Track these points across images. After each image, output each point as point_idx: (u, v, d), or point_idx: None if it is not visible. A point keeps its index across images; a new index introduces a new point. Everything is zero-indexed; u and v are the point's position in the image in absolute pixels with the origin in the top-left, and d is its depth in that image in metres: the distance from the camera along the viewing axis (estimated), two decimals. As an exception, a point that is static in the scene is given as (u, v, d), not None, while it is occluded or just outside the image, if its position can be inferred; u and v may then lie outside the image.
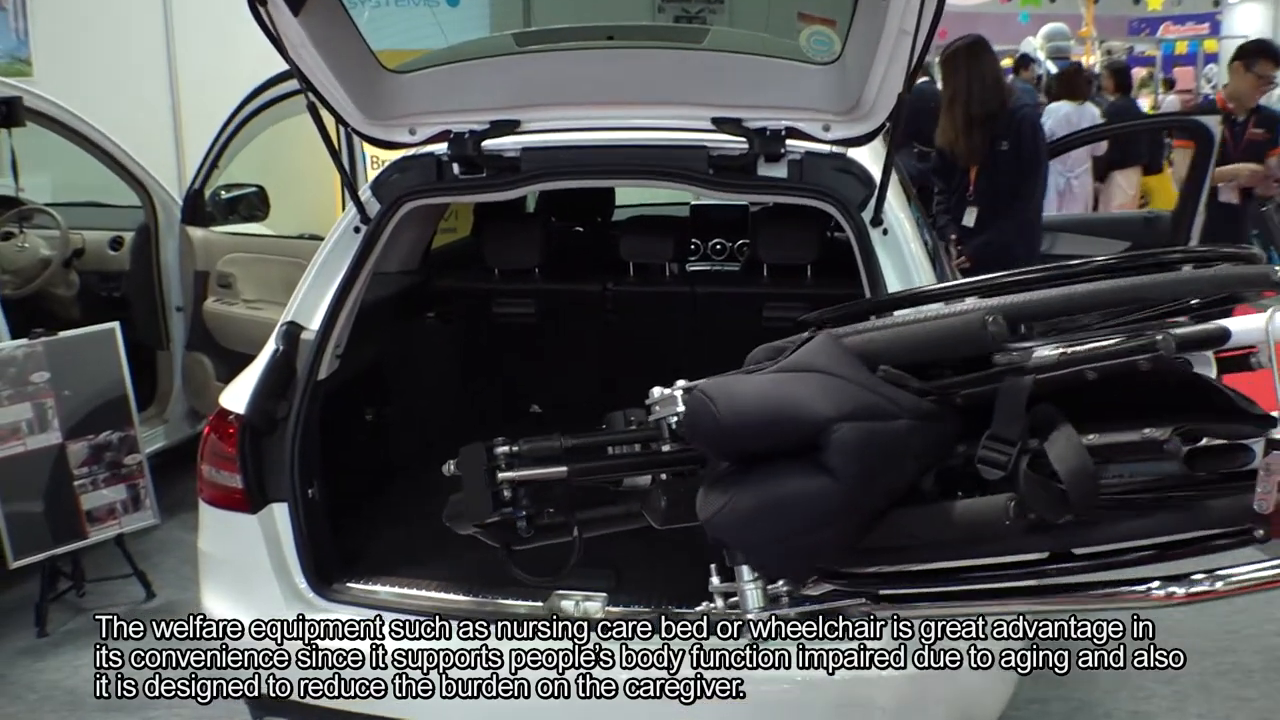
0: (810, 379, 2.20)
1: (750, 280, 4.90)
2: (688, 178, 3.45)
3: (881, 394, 2.16)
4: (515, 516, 2.51)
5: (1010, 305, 2.13)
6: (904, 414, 2.14)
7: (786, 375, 2.25)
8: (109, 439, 5.04)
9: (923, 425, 2.15)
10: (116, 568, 5.13)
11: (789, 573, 2.33)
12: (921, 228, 3.71)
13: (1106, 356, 2.00)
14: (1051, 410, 2.03)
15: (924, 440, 2.16)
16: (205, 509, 3.45)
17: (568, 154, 3.54)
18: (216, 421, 3.40)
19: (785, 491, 2.15)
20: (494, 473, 2.49)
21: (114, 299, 6.39)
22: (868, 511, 2.17)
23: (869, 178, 3.35)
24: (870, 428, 2.11)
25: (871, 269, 3.23)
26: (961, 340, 2.13)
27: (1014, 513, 1.99)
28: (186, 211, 6.30)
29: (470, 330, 4.92)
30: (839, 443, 2.10)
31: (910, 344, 2.23)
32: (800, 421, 2.13)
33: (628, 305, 4.81)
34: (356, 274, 3.52)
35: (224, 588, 3.42)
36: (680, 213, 6.07)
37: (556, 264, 4.92)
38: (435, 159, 3.58)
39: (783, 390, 2.20)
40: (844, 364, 2.22)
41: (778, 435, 2.16)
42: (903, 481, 2.17)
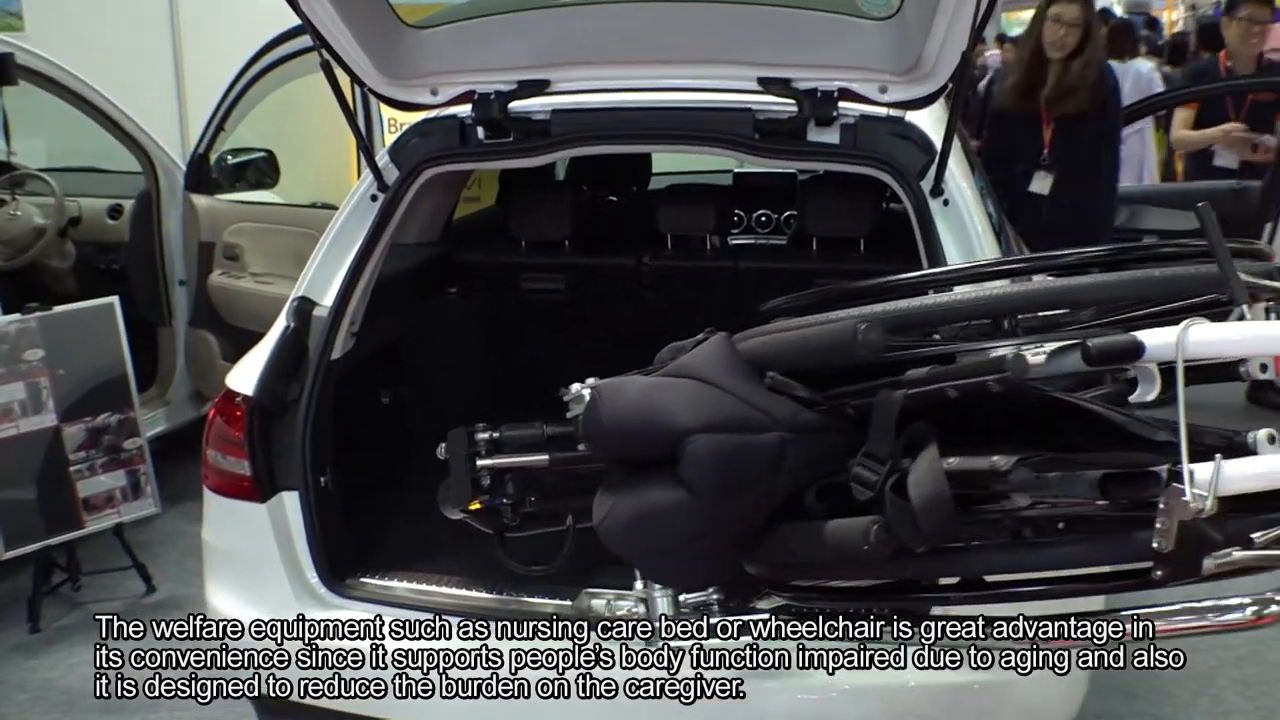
0: (684, 386, 2.29)
1: (798, 255, 4.88)
2: (731, 143, 3.44)
3: (754, 404, 2.23)
4: (496, 504, 2.66)
5: (888, 313, 2.13)
6: (777, 426, 2.20)
7: (665, 380, 2.34)
8: (107, 422, 5.08)
9: (799, 438, 2.20)
10: (114, 559, 5.17)
11: (678, 584, 2.44)
12: (985, 199, 3.69)
13: (957, 375, 2.00)
14: (924, 429, 2.04)
15: (802, 453, 2.20)
16: (210, 497, 3.47)
17: (601, 117, 3.54)
18: (222, 404, 3.42)
19: (650, 503, 2.24)
20: (474, 458, 2.63)
21: (113, 271, 6.44)
22: (738, 525, 2.22)
23: (929, 144, 3.33)
24: (731, 440, 2.19)
25: (931, 243, 3.21)
26: (831, 350, 2.15)
27: (876, 536, 2.00)
28: (190, 178, 6.34)
29: (494, 307, 4.92)
30: (692, 455, 2.19)
31: (790, 351, 2.27)
32: (663, 431, 2.23)
33: (665, 281, 4.80)
34: (373, 246, 3.53)
35: (230, 582, 3.44)
36: (722, 181, 6.05)
37: (588, 236, 4.92)
38: (458, 122, 3.58)
39: (653, 397, 2.30)
40: (725, 371, 2.29)
41: (647, 443, 2.26)
42: (776, 496, 2.21)
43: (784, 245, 5.60)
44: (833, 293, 2.40)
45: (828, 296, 2.41)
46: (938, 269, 2.23)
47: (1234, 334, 1.93)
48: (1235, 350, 1.96)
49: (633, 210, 5.79)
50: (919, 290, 2.20)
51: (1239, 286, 1.94)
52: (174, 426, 6.30)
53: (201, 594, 3.53)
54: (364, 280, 3.53)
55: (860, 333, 2.05)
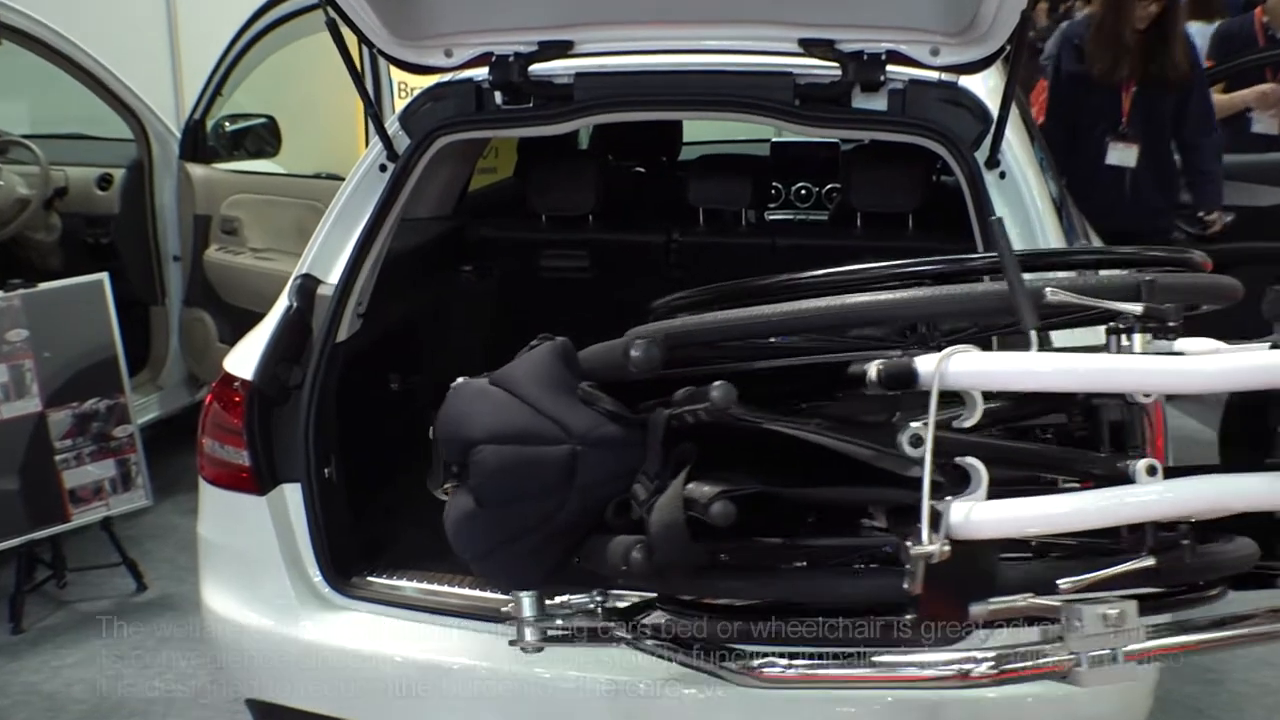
0: (491, 394, 2.48)
1: (841, 231, 4.88)
2: (769, 110, 3.43)
3: (551, 416, 2.36)
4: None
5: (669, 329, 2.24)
6: (570, 439, 2.32)
7: (481, 387, 2.52)
8: (95, 407, 5.11)
9: (594, 451, 2.30)
10: (103, 555, 5.22)
11: (502, 585, 2.57)
12: (1045, 172, 3.68)
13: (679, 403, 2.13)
14: (688, 450, 2.16)
15: (599, 467, 2.30)
16: (206, 489, 3.49)
17: (628, 81, 3.54)
18: (220, 389, 3.44)
19: (456, 510, 2.44)
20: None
21: (102, 246, 6.47)
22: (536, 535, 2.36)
23: (984, 112, 3.32)
24: (514, 452, 2.35)
25: (985, 219, 3.21)
26: (610, 366, 2.30)
27: (633, 557, 2.13)
28: (186, 146, 6.37)
29: (512, 286, 4.93)
30: (475, 466, 2.38)
31: (596, 362, 2.43)
32: (461, 439, 2.43)
33: (696, 259, 4.80)
34: (382, 220, 3.54)
35: (227, 580, 3.46)
36: (759, 152, 6.04)
37: (614, 210, 4.92)
38: (474, 86, 3.59)
39: (460, 404, 2.50)
40: (534, 380, 2.44)
41: (452, 449, 2.45)
42: (572, 509, 2.32)
43: (825, 221, 5.59)
44: (724, 291, 2.43)
45: (719, 295, 2.43)
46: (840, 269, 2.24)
47: (998, 365, 1.96)
48: (999, 383, 1.99)
49: (662, 183, 5.79)
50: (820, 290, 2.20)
51: (1027, 310, 1.96)
52: (167, 413, 6.34)
53: (196, 593, 3.55)
54: (372, 257, 3.55)
55: (632, 349, 2.17)
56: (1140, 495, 1.95)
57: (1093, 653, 1.92)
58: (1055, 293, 1.98)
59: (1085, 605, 1.91)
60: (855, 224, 4.71)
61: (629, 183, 5.89)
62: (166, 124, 6.45)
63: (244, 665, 3.45)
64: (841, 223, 4.97)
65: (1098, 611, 1.91)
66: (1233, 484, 1.99)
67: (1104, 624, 1.91)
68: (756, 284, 2.34)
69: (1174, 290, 2.10)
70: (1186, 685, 4.24)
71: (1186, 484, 1.96)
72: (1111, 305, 2.00)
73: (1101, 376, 1.97)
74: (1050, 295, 1.98)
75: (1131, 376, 1.97)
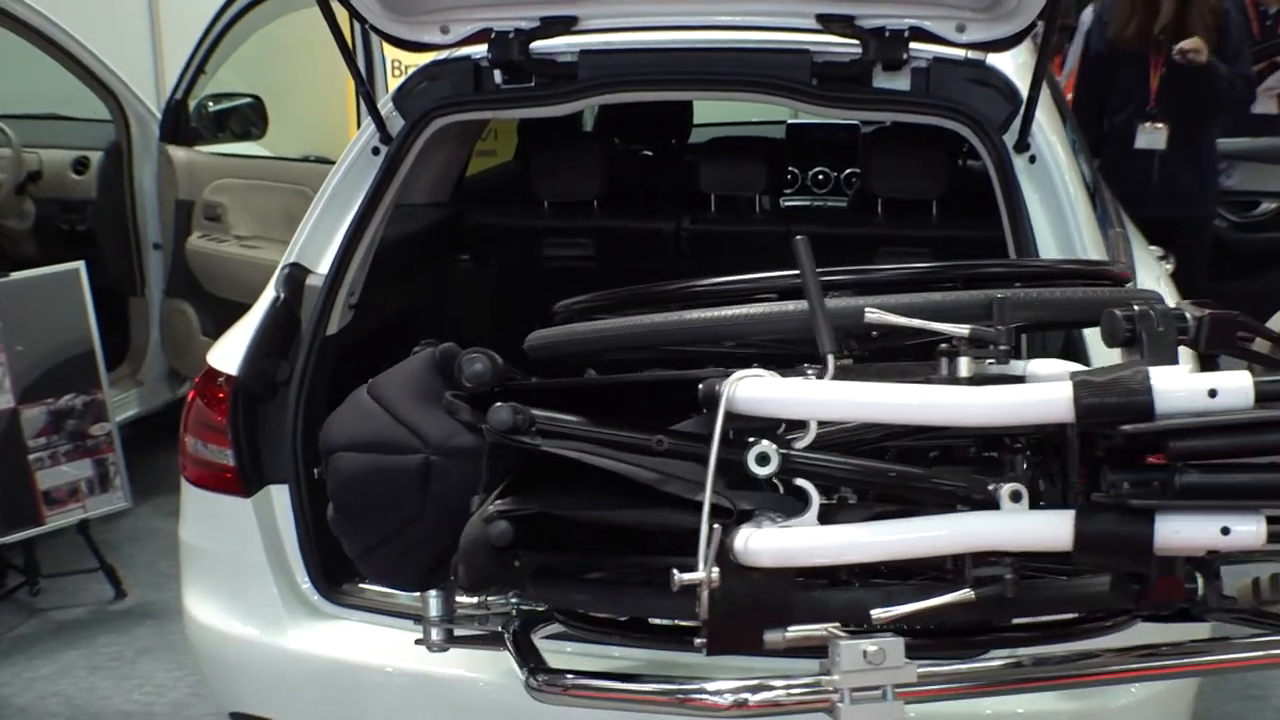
0: (361, 401, 2.59)
1: (861, 219, 4.88)
2: (785, 89, 3.43)
3: (409, 425, 2.46)
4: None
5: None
6: (425, 449, 2.43)
7: (354, 395, 2.63)
8: (71, 404, 5.12)
9: (450, 461, 2.41)
10: (79, 561, 5.22)
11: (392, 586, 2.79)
12: (1078, 155, 3.68)
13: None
14: (510, 467, 2.29)
15: (455, 476, 2.39)
16: (188, 491, 3.49)
17: (635, 59, 3.54)
18: (203, 384, 3.45)
19: (329, 514, 2.59)
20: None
21: (78, 233, 6.49)
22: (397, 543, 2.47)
23: (1013, 92, 3.32)
24: (366, 460, 2.48)
25: (1014, 206, 3.20)
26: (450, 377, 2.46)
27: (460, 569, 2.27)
28: (166, 127, 6.37)
29: (513, 276, 4.94)
30: (330, 473, 2.53)
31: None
32: (323, 446, 2.57)
33: (708, 248, 4.81)
34: (375, 206, 3.54)
35: (210, 587, 3.46)
36: (774, 134, 6.04)
37: (620, 196, 4.93)
38: (472, 64, 3.59)
39: (339, 410, 2.64)
40: (401, 387, 2.55)
41: (323, 456, 2.57)
42: (430, 517, 2.42)
43: (844, 207, 5.59)
44: (630, 296, 2.51)
45: (627, 299, 2.51)
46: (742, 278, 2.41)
47: (776, 393, 2.03)
48: (775, 411, 2.04)
49: (671, 167, 5.79)
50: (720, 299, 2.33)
51: (825, 334, 2.08)
52: (147, 410, 6.35)
53: (177, 600, 3.56)
54: (364, 245, 3.55)
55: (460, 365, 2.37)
56: (915, 530, 2.02)
57: (853, 688, 1.99)
58: (874, 313, 2.09)
59: (844, 641, 2.00)
60: (876, 211, 4.71)
61: (636, 167, 5.89)
62: (146, 104, 6.45)
63: (228, 677, 3.46)
64: (861, 209, 4.97)
65: (858, 647, 1.99)
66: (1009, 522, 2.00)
67: (864, 660, 1.98)
68: (657, 290, 2.45)
69: (1028, 308, 2.19)
70: (1229, 703, 4.24)
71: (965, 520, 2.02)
72: (933, 326, 2.08)
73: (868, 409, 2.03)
74: (870, 316, 2.09)
75: (903, 410, 2.01)
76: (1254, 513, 1.92)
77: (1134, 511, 1.93)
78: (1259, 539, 1.92)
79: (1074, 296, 2.28)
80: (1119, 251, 3.47)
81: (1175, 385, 1.90)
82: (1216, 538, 1.92)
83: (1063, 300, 2.27)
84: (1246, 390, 1.90)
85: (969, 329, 2.07)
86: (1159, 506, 1.92)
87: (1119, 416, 1.90)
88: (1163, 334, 2.01)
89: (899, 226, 4.61)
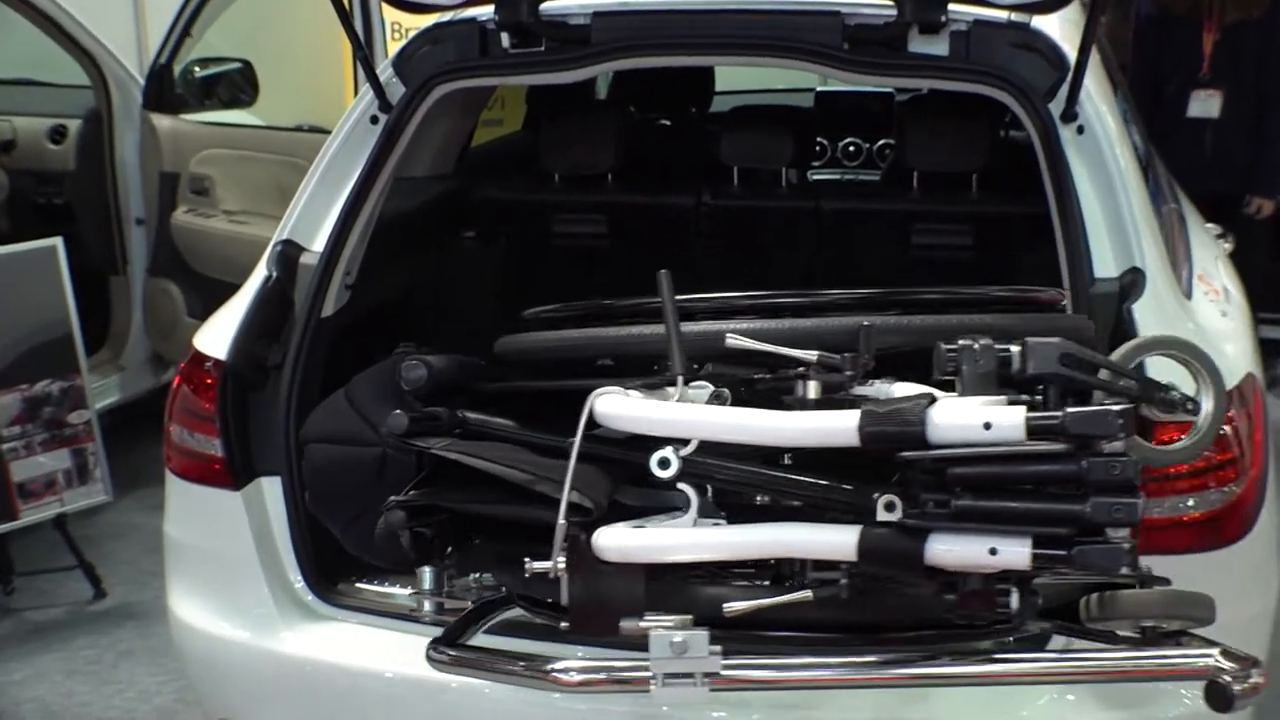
0: (336, 399, 3.12)
1: (895, 194, 4.88)
2: (813, 54, 3.43)
3: (371, 422, 2.94)
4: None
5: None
6: (382, 443, 2.89)
7: (334, 394, 3.16)
8: (48, 390, 5.14)
9: (404, 455, 2.83)
10: (56, 558, 5.25)
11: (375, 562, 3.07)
12: (1130, 126, 3.67)
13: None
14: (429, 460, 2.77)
15: (406, 468, 2.84)
16: (174, 483, 3.51)
17: (653, 20, 3.54)
18: (189, 370, 3.46)
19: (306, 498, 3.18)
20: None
21: (54, 207, 6.51)
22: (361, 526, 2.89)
23: (1060, 57, 3.31)
24: (332, 451, 3.04)
25: (1060, 181, 3.20)
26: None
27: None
28: (150, 94, 6.38)
29: (521, 254, 4.94)
30: (304, 464, 3.14)
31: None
32: (300, 438, 3.17)
33: (730, 225, 4.81)
34: (373, 179, 3.55)
35: (197, 586, 3.48)
36: (802, 102, 6.04)
37: (636, 169, 4.93)
38: (478, 26, 3.59)
39: (319, 406, 3.19)
40: (371, 384, 3.05)
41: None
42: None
43: (877, 181, 5.59)
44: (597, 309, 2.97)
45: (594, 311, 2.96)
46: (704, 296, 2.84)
47: (612, 409, 2.48)
48: (617, 425, 2.49)
49: (690, 138, 5.79)
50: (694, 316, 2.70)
51: (677, 358, 2.49)
52: (129, 397, 6.37)
53: (162, 600, 3.58)
54: (362, 221, 3.56)
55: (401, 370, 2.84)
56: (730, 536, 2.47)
57: (666, 673, 2.41)
58: (735, 339, 2.48)
59: (655, 632, 2.40)
60: (911, 185, 4.70)
61: (653, 138, 5.90)
62: (128, 68, 6.45)
63: (216, 682, 3.48)
64: (895, 184, 4.97)
65: (667, 638, 2.39)
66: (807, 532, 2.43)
67: (669, 649, 2.38)
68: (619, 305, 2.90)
69: (892, 334, 2.55)
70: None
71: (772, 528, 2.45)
72: (785, 352, 2.46)
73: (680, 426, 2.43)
74: (730, 341, 2.48)
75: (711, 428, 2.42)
76: (1022, 536, 2.28)
77: (909, 530, 2.32)
78: (1024, 560, 2.29)
79: (936, 324, 2.60)
80: (1173, 229, 3.47)
81: (950, 418, 2.27)
82: (985, 557, 2.30)
83: (927, 328, 2.58)
84: (1018, 425, 2.24)
85: (817, 355, 2.46)
86: (931, 527, 2.32)
87: (896, 444, 2.31)
88: (981, 366, 2.35)
89: (936, 202, 4.60)
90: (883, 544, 2.35)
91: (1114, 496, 2.25)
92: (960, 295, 2.78)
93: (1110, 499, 2.24)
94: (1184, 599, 2.46)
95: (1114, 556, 2.28)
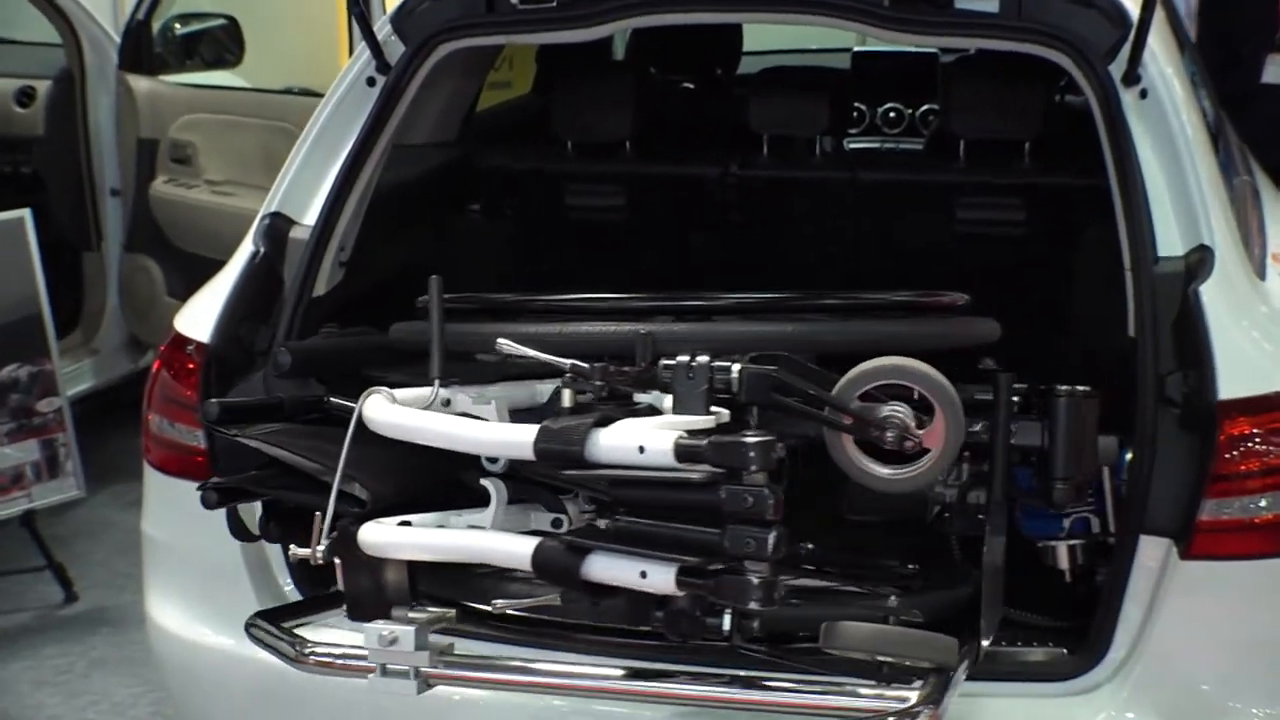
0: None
1: (940, 164, 4.86)
2: (851, 11, 3.42)
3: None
4: None
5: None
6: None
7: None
8: (15, 376, 5.15)
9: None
10: (23, 558, 5.27)
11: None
12: (1199, 90, 3.66)
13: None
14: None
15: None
16: (152, 477, 3.53)
17: None
18: (170, 353, 3.47)
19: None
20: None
21: (22, 176, 6.52)
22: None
23: (1121, 13, 3.29)
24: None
25: (1121, 150, 3.19)
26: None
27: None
28: (126, 53, 6.39)
29: (530, 228, 4.94)
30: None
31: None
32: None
33: (759, 197, 4.81)
34: (370, 147, 3.56)
35: (177, 589, 3.50)
36: (838, 64, 6.04)
37: (657, 136, 4.92)
38: (484, -21, 3.60)
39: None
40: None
41: None
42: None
43: (920, 151, 5.58)
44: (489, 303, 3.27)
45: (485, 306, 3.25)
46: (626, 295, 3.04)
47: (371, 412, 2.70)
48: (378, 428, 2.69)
49: (716, 102, 5.79)
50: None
51: (436, 362, 2.78)
52: (104, 383, 6.40)
53: (138, 605, 3.60)
54: (357, 192, 3.56)
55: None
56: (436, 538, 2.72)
57: (384, 664, 2.68)
58: (506, 344, 2.71)
59: (369, 625, 2.69)
60: (957, 154, 4.68)
61: (675, 102, 5.89)
62: (102, 25, 6.46)
63: (197, 693, 3.49)
64: (940, 153, 4.95)
65: (376, 631, 2.66)
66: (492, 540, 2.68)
67: (379, 641, 2.65)
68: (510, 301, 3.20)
69: (681, 342, 2.71)
70: None
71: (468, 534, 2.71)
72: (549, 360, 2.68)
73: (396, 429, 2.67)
74: (502, 346, 2.72)
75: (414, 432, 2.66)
76: (668, 562, 2.47)
77: (573, 546, 2.56)
78: (669, 586, 2.48)
79: (723, 332, 2.87)
80: (1246, 203, 3.46)
81: (610, 440, 2.47)
82: (638, 579, 2.49)
83: (715, 335, 2.84)
84: (666, 451, 2.41)
85: (570, 364, 2.66)
86: (589, 546, 2.56)
87: (560, 461, 2.53)
88: (692, 384, 2.57)
89: (984, 173, 4.59)
90: (548, 557, 2.57)
91: (750, 527, 2.42)
92: (863, 301, 3.01)
93: (746, 530, 2.42)
94: (911, 639, 2.64)
95: (742, 590, 2.46)
